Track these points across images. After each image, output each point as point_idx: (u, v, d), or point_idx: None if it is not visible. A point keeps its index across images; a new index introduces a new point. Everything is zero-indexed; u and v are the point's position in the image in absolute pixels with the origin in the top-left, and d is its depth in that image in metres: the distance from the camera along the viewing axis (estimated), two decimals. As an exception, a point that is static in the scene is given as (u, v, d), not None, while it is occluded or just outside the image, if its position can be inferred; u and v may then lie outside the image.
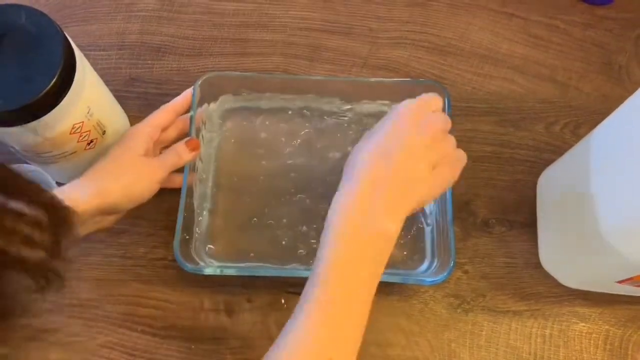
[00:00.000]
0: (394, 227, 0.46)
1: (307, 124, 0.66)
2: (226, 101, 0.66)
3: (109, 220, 0.57)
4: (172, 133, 0.61)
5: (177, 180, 0.61)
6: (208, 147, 0.65)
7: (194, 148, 0.59)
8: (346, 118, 0.67)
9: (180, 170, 0.59)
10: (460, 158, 0.50)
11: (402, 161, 0.47)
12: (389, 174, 0.46)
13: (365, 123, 0.66)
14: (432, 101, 0.51)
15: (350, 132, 0.66)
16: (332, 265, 0.45)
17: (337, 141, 0.66)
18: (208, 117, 0.65)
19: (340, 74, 0.71)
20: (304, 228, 0.62)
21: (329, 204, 0.63)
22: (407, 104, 0.49)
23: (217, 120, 0.66)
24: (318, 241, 0.60)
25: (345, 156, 0.64)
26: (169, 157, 0.58)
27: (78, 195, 0.51)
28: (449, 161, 0.49)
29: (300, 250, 0.61)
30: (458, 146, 0.51)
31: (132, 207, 0.57)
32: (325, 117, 0.67)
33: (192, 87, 0.61)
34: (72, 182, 0.53)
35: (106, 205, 0.53)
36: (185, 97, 0.61)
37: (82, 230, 0.54)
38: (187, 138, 0.59)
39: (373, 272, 0.46)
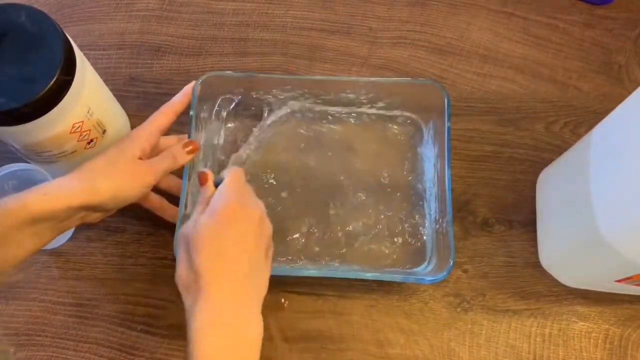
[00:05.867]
0: (257, 330, 0.47)
1: (306, 124, 0.66)
2: (226, 101, 0.66)
3: (94, 217, 0.57)
4: (172, 141, 0.60)
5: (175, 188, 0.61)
6: (208, 146, 0.65)
7: (193, 150, 0.58)
8: (346, 118, 0.67)
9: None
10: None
11: (239, 257, 0.48)
12: (232, 274, 0.47)
13: (365, 122, 0.66)
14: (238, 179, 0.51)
15: (350, 131, 0.66)
16: None
17: (336, 141, 0.66)
18: (207, 114, 0.65)
19: (340, 73, 0.71)
20: (303, 227, 0.62)
21: (328, 203, 0.63)
22: (226, 201, 0.49)
23: (217, 120, 0.66)
24: (317, 240, 0.62)
25: (343, 156, 0.65)
26: (164, 160, 0.56)
27: (67, 189, 0.51)
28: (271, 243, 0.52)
29: (300, 250, 0.61)
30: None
31: (119, 208, 0.56)
32: (324, 117, 0.67)
33: (191, 84, 0.60)
34: (65, 176, 0.53)
35: (93, 203, 0.52)
36: (184, 94, 0.60)
37: (67, 224, 0.53)
38: (185, 140, 0.59)
39: None
